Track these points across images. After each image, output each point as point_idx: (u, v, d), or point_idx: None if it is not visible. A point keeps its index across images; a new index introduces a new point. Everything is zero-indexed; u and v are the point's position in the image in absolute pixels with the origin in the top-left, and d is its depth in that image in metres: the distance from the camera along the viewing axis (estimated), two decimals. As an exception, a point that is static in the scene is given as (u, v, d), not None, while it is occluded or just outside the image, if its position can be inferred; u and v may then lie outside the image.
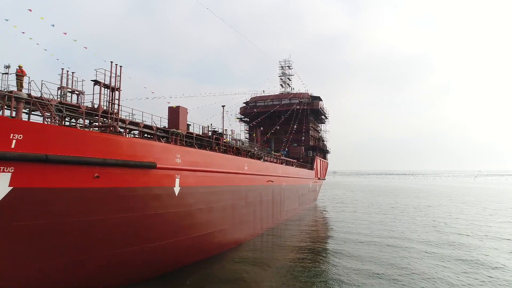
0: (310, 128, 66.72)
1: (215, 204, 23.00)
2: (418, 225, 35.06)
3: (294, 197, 44.52)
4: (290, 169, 43.98)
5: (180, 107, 27.23)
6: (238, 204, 26.77)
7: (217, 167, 23.70)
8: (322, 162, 68.46)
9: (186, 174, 19.73)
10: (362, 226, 34.95)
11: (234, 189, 26.19)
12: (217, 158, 23.91)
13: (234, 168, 26.49)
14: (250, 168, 29.43)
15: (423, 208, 51.31)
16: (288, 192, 41.19)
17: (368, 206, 54.88)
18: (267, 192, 33.84)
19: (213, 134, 30.47)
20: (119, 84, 22.19)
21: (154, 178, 16.95)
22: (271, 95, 69.23)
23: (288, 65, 74.36)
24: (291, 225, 36.88)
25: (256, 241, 28.24)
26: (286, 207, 40.05)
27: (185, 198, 19.59)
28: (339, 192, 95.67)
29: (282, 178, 39.12)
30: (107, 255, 15.01)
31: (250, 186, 29.39)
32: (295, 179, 45.59)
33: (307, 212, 47.63)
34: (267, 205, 33.72)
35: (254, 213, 30.18)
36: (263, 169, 33.10)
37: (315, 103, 65.77)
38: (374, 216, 42.50)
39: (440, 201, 63.61)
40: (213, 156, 23.48)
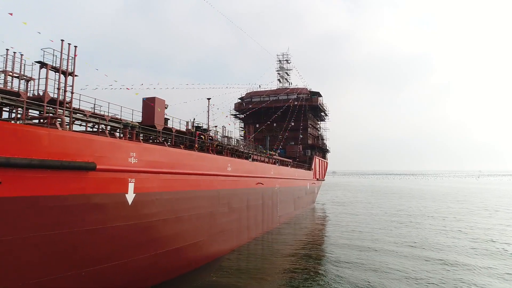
0: (309, 126, 62.77)
1: (187, 212, 19.10)
2: (432, 232, 31.07)
3: (289, 201, 40.61)
4: (285, 170, 40.06)
5: (156, 98, 23.43)
6: (219, 211, 22.87)
7: (191, 168, 19.79)
8: (321, 162, 64.49)
9: (145, 178, 15.84)
10: (366, 231, 31.06)
11: (214, 194, 22.29)
12: (190, 158, 20.00)
13: (214, 169, 22.59)
14: (235, 169, 25.52)
15: (431, 212, 47.25)
16: (282, 195, 37.28)
17: (370, 208, 50.91)
18: (256, 196, 29.95)
19: (196, 130, 26.73)
20: (72, 68, 18.47)
21: (94, 183, 13.05)
22: (268, 90, 65.29)
23: (286, 59, 70.36)
24: (284, 232, 32.99)
25: (242, 252, 24.35)
26: (279, 212, 36.15)
27: (143, 207, 15.70)
28: (339, 193, 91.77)
29: (275, 180, 35.20)
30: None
31: (235, 189, 25.49)
32: (291, 180, 41.66)
33: (304, 216, 43.73)
34: (256, 211, 29.83)
35: (240, 221, 26.29)
36: (251, 170, 29.18)
37: (314, 99, 61.77)
38: (378, 220, 38.55)
39: (447, 203, 59.42)
40: (185, 155, 19.56)
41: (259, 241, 28.59)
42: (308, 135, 61.99)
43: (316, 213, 49.63)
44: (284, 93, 63.13)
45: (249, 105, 64.21)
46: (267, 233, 31.53)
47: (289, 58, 70.78)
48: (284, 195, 38.44)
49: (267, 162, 35.96)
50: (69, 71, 18.27)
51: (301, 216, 43.22)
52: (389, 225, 36.66)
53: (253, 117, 64.01)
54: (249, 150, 33.98)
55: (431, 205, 56.59)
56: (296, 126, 60.96)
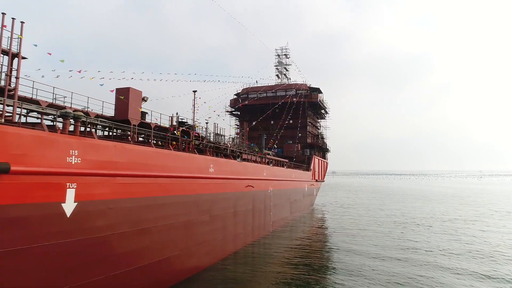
0: (308, 124, 59.39)
1: (154, 223, 15.84)
2: (445, 238, 27.70)
3: (284, 204, 37.31)
4: (280, 171, 36.75)
5: (131, 88, 20.32)
6: (197, 220, 19.59)
7: (161, 170, 16.51)
8: (321, 162, 61.13)
9: (92, 182, 12.56)
10: (369, 237, 27.77)
11: (191, 199, 19.01)
12: (160, 157, 16.69)
13: (192, 171, 19.31)
14: (219, 170, 22.23)
15: (439, 214, 43.81)
16: (276, 198, 33.99)
17: (374, 211, 47.53)
18: (246, 201, 26.66)
19: (179, 126, 23.64)
20: (18, 48, 15.30)
21: (8, 190, 9.77)
22: (265, 85, 61.89)
23: (285, 54, 66.92)
24: (278, 238, 29.73)
25: (227, 264, 21.07)
26: (273, 216, 32.86)
27: (90, 219, 12.43)
28: (339, 194, 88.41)
29: (268, 182, 31.90)
30: None
31: (219, 194, 22.20)
32: (286, 182, 38.35)
33: (301, 221, 40.43)
34: (245, 217, 26.55)
35: (224, 229, 23.01)
36: (240, 171, 25.90)
37: (314, 96, 58.36)
38: (382, 224, 35.18)
39: (454, 205, 55.89)
40: (153, 154, 16.26)
41: (249, 250, 25.33)
42: (307, 134, 58.64)
43: (315, 216, 46.32)
44: (282, 89, 59.76)
45: (245, 101, 60.81)
46: (258, 241, 28.28)
47: (288, 53, 67.42)
48: (279, 198, 35.14)
49: (260, 162, 32.67)
50: (13, 52, 15.15)
51: (298, 221, 39.93)
52: (395, 230, 33.38)
53: (249, 114, 60.73)
54: (241, 149, 30.74)
55: (437, 208, 53.13)
56: (294, 124, 57.68)
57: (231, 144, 31.51)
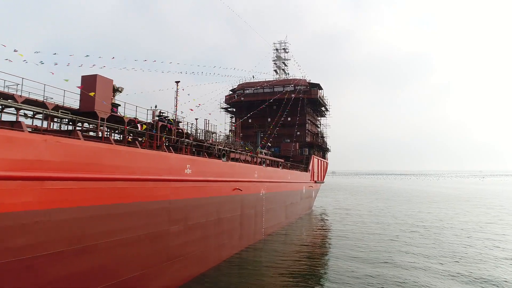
0: (307, 121, 56.14)
1: (106, 238, 12.68)
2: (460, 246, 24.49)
3: (279, 208, 34.10)
4: (274, 172, 33.54)
5: (99, 76, 17.33)
6: (168, 231, 16.42)
7: (117, 172, 13.33)
8: (320, 162, 57.88)
9: (7, 188, 9.40)
10: (374, 245, 24.60)
11: (160, 206, 15.84)
12: (113, 156, 13.49)
13: (163, 172, 16.14)
14: (198, 171, 19.04)
15: (449, 218, 40.50)
16: (269, 202, 30.80)
17: (377, 214, 44.26)
18: (233, 206, 23.48)
19: (159, 120, 20.70)
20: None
21: None
22: (262, 81, 58.69)
23: (284, 48, 63.67)
24: (269, 247, 26.57)
25: (207, 279, 17.94)
26: (265, 222, 29.67)
27: (3, 237, 9.28)
28: (339, 195, 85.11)
29: (260, 184, 28.71)
30: None
31: (198, 199, 19.02)
32: (282, 184, 35.15)
33: (298, 226, 37.22)
34: (232, 224, 23.36)
35: (205, 240, 19.83)
36: (226, 173, 22.70)
37: (314, 91, 55.07)
38: (388, 228, 31.98)
39: (463, 207, 52.49)
40: (102, 151, 13.04)
41: (235, 262, 22.16)
42: (306, 132, 55.40)
43: (313, 221, 43.12)
44: (280, 84, 56.53)
45: (241, 97, 57.71)
46: (246, 250, 25.12)
47: (287, 47, 64.15)
48: (273, 201, 31.93)
49: (251, 162, 29.47)
50: None
51: (294, 226, 36.73)
52: (403, 235, 30.12)
53: (245, 110, 57.48)
54: (231, 147, 27.58)
55: (445, 211, 49.76)
56: (292, 122, 54.54)
57: (220, 142, 28.36)
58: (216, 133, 37.45)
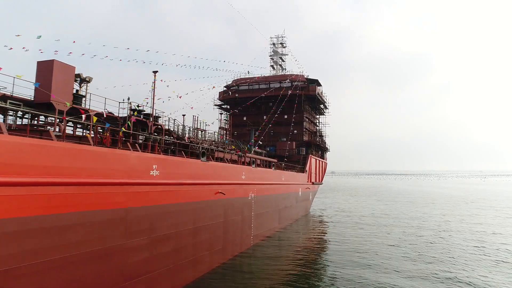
0: (305, 119, 53.16)
1: (25, 260, 9.75)
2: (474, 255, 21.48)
3: (271, 212, 31.14)
4: (266, 173, 30.57)
5: (56, 61, 14.65)
6: (125, 246, 13.48)
7: (47, 174, 10.41)
8: (319, 162, 54.86)
9: None
10: (378, 253, 21.67)
11: (114, 216, 12.91)
12: (47, 155, 10.55)
13: (117, 174, 13.21)
14: (168, 172, 16.10)
15: (458, 222, 37.46)
16: (259, 206, 27.85)
17: (380, 218, 41.25)
18: (214, 212, 20.53)
19: (133, 114, 17.98)
20: None
21: None
22: (258, 76, 55.74)
23: (281, 42, 60.69)
24: (258, 256, 23.65)
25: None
26: (254, 229, 26.72)
27: None
28: (338, 197, 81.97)
29: (249, 187, 25.76)
30: None
31: (168, 206, 16.09)
32: (274, 186, 32.18)
33: (292, 231, 34.22)
34: (213, 233, 20.41)
35: (177, 253, 16.89)
36: (205, 174, 19.74)
37: (312, 88, 52.08)
38: (393, 235, 29.00)
39: (470, 209, 49.24)
40: (27, 148, 10.10)
41: (216, 277, 19.22)
42: (303, 130, 52.42)
43: (310, 225, 40.12)
44: (276, 80, 53.57)
45: (235, 94, 54.80)
46: (232, 261, 22.19)
47: (285, 42, 61.17)
48: (264, 205, 28.97)
49: (240, 162, 26.52)
50: None
51: (288, 231, 33.74)
52: (411, 243, 27.07)
53: (240, 108, 54.65)
54: (218, 146, 24.69)
55: (452, 213, 46.67)
56: (289, 119, 51.64)
57: (205, 140, 25.47)
58: (205, 131, 34.52)
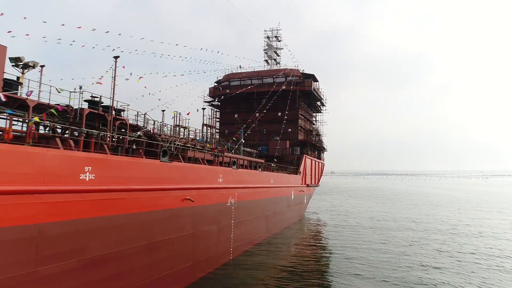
0: (300, 117, 49.79)
1: None
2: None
3: (257, 219, 27.80)
4: (250, 175, 27.22)
5: None
6: (37, 274, 10.18)
7: None
8: (315, 163, 51.43)
9: None
10: (382, 266, 18.30)
11: (20, 235, 9.63)
12: None
13: (29, 180, 9.93)
14: (109, 176, 12.79)
15: (469, 228, 33.95)
16: (242, 212, 24.52)
17: (383, 223, 37.83)
18: (180, 223, 17.22)
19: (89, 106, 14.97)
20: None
21: None
22: (250, 71, 52.43)
23: (276, 36, 57.33)
24: (237, 272, 20.30)
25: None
26: (235, 239, 23.38)
27: None
28: (337, 198, 78.26)
29: (228, 191, 22.42)
30: None
31: (109, 218, 12.77)
32: (261, 189, 28.83)
33: (284, 237, 30.85)
34: (176, 248, 17.08)
35: (120, 278, 13.57)
36: (167, 178, 16.41)
37: (307, 83, 48.70)
38: (398, 244, 25.62)
39: (477, 213, 45.58)
40: None
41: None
42: (298, 129, 49.06)
43: (303, 232, 36.75)
44: (270, 75, 50.20)
45: (226, 90, 51.51)
46: (204, 280, 18.87)
47: (280, 35, 57.82)
48: (248, 212, 25.63)
49: (217, 163, 23.16)
50: None
51: (277, 239, 30.36)
52: (424, 254, 23.66)
53: (231, 105, 51.38)
54: (195, 145, 21.42)
55: (459, 217, 43.13)
56: (283, 117, 48.36)
57: (176, 137, 22.19)
58: (187, 128, 31.41)
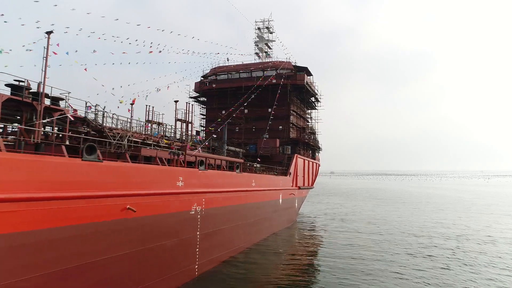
0: (292, 113, 46.07)
1: None
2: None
3: (233, 228, 24.06)
4: (222, 177, 23.49)
5: None
6: None
7: None
8: (308, 163, 47.64)
9: None
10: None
11: None
12: None
13: None
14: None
15: (484, 236, 30.16)
16: (213, 222, 20.81)
17: (387, 230, 34.09)
18: (115, 239, 13.53)
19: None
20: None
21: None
22: (238, 64, 48.72)
23: (267, 26, 53.61)
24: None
25: None
26: (202, 254, 19.65)
27: None
28: (335, 201, 74.31)
29: (192, 197, 18.71)
30: None
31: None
32: (240, 194, 25.10)
33: (268, 247, 27.13)
34: (112, 271, 13.40)
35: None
36: (95, 182, 12.73)
37: (300, 76, 44.94)
38: (408, 255, 21.93)
39: (487, 217, 41.74)
40: None
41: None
42: (290, 126, 45.33)
43: (291, 240, 32.98)
44: (260, 68, 46.45)
45: (212, 84, 47.84)
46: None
47: (272, 26, 54.10)
48: (220, 221, 21.90)
49: (176, 162, 19.44)
50: None
51: (259, 249, 26.63)
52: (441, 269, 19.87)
53: (218, 100, 47.65)
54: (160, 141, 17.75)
55: (470, 221, 39.28)
56: (274, 113, 44.71)
57: (127, 130, 18.58)
58: (162, 124, 28.16)
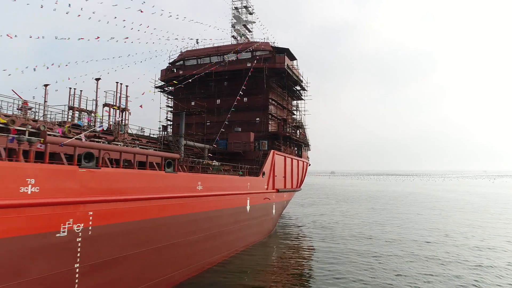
0: (271, 102, 39.07)
1: None
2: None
3: (153, 252, 17.01)
4: (136, 178, 16.47)
5: None
6: None
7: None
8: (291, 161, 40.35)
9: None
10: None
11: None
12: None
13: None
14: None
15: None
16: (112, 245, 13.85)
17: (384, 238, 27.07)
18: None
19: None
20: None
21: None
22: (208, 47, 41.77)
23: (246, 6, 46.67)
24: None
25: None
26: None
27: None
28: (333, 204, 66.72)
29: (59, 210, 11.77)
30: None
31: None
32: (172, 201, 18.06)
33: (214, 278, 20.14)
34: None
35: None
36: None
37: (279, 59, 37.87)
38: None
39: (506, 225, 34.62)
40: None
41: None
42: (269, 118, 38.30)
43: (260, 261, 25.80)
44: (232, 51, 39.46)
45: (179, 71, 41.00)
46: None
47: (251, 6, 47.20)
48: (128, 242, 14.90)
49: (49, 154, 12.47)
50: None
51: (203, 282, 19.58)
52: None
53: (187, 89, 40.70)
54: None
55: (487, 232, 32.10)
56: (251, 104, 37.94)
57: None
58: (90, 113, 21.38)
